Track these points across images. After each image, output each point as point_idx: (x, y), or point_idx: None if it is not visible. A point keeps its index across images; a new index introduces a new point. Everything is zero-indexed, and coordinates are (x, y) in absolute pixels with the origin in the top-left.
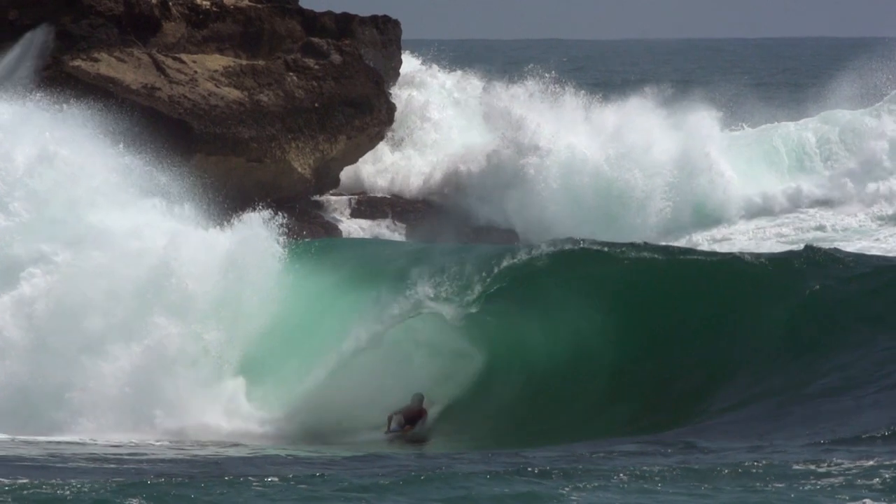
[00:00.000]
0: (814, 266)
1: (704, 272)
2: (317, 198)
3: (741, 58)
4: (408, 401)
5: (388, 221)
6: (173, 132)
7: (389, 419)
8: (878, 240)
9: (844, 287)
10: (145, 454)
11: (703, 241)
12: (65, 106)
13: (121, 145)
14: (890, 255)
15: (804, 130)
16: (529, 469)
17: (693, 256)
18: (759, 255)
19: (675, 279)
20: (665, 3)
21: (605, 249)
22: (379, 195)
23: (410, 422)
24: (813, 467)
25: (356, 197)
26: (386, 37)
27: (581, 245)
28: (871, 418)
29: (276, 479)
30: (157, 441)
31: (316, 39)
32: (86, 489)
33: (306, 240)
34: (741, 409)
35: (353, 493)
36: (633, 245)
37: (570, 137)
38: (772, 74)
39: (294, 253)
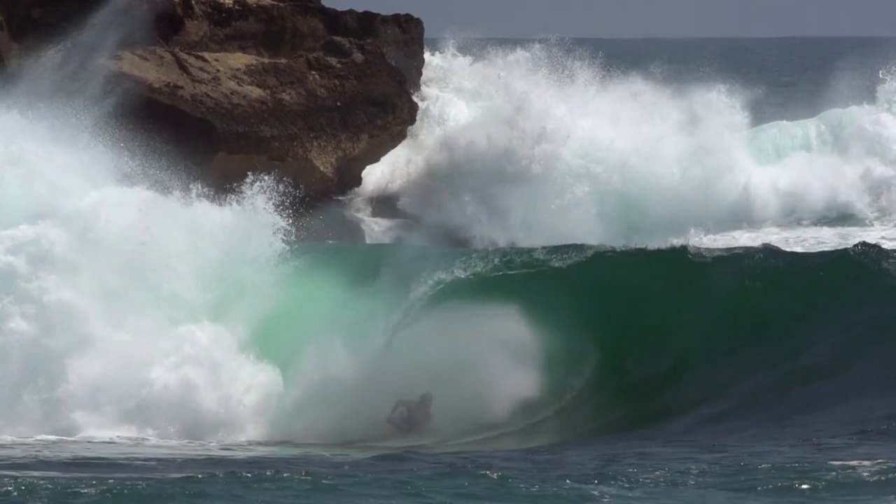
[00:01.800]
0: (780, 256)
1: (660, 265)
2: (338, 197)
3: (764, 57)
4: (416, 397)
5: (408, 221)
6: (196, 131)
7: (395, 406)
8: None
9: (812, 271)
10: (184, 454)
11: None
12: (66, 105)
13: (118, 143)
14: None
15: (804, 128)
16: (561, 469)
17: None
18: (712, 249)
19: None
20: (688, 1)
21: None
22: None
23: (413, 420)
24: (854, 462)
25: (377, 196)
26: (408, 35)
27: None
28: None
29: (309, 477)
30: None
31: (338, 38)
32: (123, 487)
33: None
34: (743, 400)
35: (378, 490)
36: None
37: (586, 120)
38: (798, 73)
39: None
